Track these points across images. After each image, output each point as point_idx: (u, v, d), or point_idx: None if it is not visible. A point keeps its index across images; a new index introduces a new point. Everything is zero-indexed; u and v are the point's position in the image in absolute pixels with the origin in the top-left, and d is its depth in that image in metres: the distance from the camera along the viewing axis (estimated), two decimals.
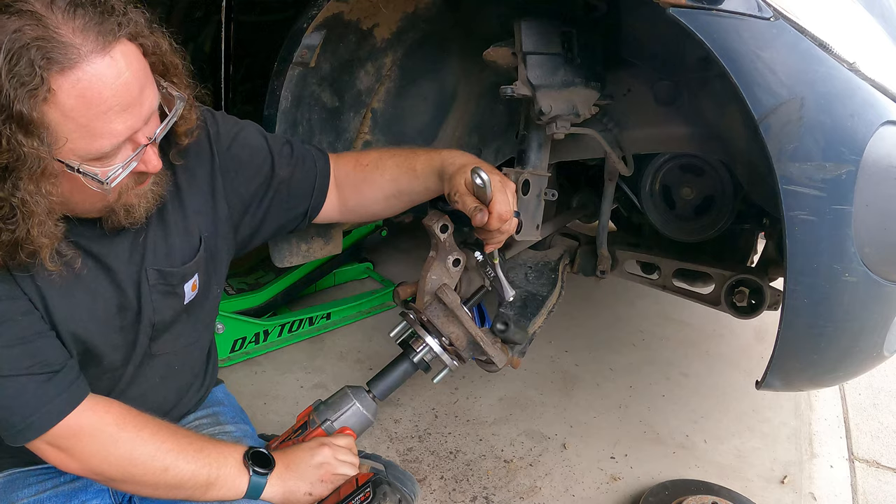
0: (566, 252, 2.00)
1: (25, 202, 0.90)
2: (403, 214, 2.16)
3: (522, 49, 1.40)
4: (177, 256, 1.20)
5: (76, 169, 0.92)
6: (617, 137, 1.69)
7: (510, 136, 2.02)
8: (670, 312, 2.96)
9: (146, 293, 1.17)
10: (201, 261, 1.25)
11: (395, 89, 1.84)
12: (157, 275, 1.17)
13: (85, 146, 0.91)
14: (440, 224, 1.37)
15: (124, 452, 1.08)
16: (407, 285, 1.50)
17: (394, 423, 2.18)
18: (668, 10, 1.10)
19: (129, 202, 1.04)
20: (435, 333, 1.37)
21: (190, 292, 1.24)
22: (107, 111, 0.90)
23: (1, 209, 0.90)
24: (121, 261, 1.13)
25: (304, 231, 1.76)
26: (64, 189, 0.95)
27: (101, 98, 0.89)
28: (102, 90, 0.89)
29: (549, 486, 1.95)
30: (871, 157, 1.11)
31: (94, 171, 0.93)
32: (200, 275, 1.25)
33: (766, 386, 1.37)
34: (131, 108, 0.93)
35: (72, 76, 0.86)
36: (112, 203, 1.02)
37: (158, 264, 1.17)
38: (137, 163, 0.98)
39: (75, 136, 0.89)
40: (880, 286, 1.21)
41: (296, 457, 1.25)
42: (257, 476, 1.17)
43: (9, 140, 0.85)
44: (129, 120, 0.93)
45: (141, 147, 0.97)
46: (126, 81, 0.91)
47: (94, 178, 0.93)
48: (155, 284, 1.17)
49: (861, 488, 2.04)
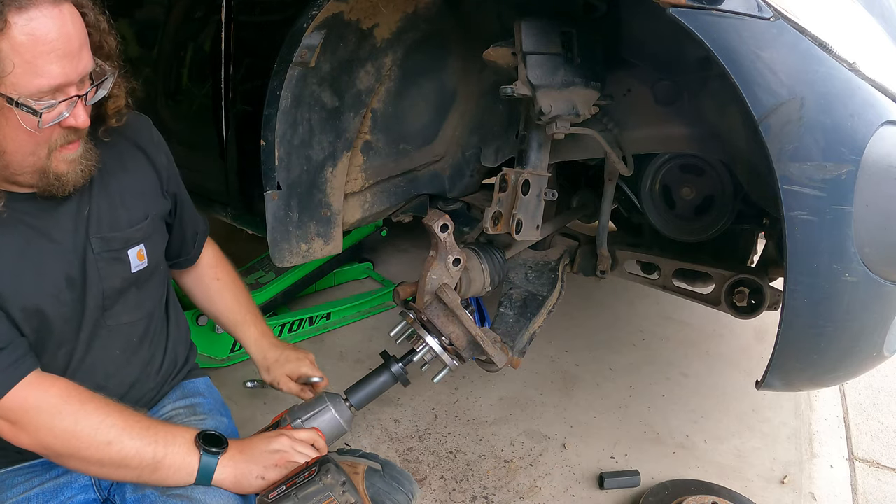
0: (566, 252, 2.00)
1: None
2: (403, 214, 2.17)
3: (522, 49, 1.40)
4: (120, 224, 1.27)
5: (15, 101, 0.99)
6: (617, 137, 1.69)
7: (510, 136, 2.02)
8: (670, 312, 2.96)
9: (91, 261, 1.22)
10: (148, 231, 1.32)
11: (395, 89, 1.84)
12: (101, 242, 1.24)
13: (25, 82, 0.99)
14: (440, 223, 1.37)
15: (68, 425, 1.10)
16: (407, 285, 1.51)
17: (394, 423, 2.18)
18: (668, 10, 1.10)
19: (58, 169, 1.11)
20: (435, 333, 1.37)
21: (136, 261, 1.30)
22: (49, 52, 1.00)
23: None
24: (65, 232, 1.19)
25: (305, 231, 1.77)
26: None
27: (46, 39, 0.99)
28: (49, 33, 0.99)
29: (549, 486, 1.95)
30: (871, 157, 1.11)
31: (30, 103, 1.01)
32: (147, 246, 1.32)
33: (766, 386, 1.37)
34: (69, 57, 1.03)
35: (26, 15, 0.97)
36: (42, 162, 1.08)
37: (102, 232, 1.24)
38: (69, 114, 1.05)
39: (18, 70, 0.98)
40: (880, 286, 1.21)
41: (251, 442, 1.26)
42: (208, 455, 1.17)
43: None
44: (67, 67, 1.02)
45: (74, 97, 1.05)
46: (69, 32, 1.02)
47: (29, 110, 1.00)
48: (100, 252, 1.23)
49: (861, 488, 2.04)
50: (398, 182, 2.05)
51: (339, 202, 1.82)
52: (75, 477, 1.29)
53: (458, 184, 2.15)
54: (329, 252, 1.83)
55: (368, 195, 1.99)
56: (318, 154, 1.73)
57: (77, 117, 1.07)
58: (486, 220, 1.48)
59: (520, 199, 1.48)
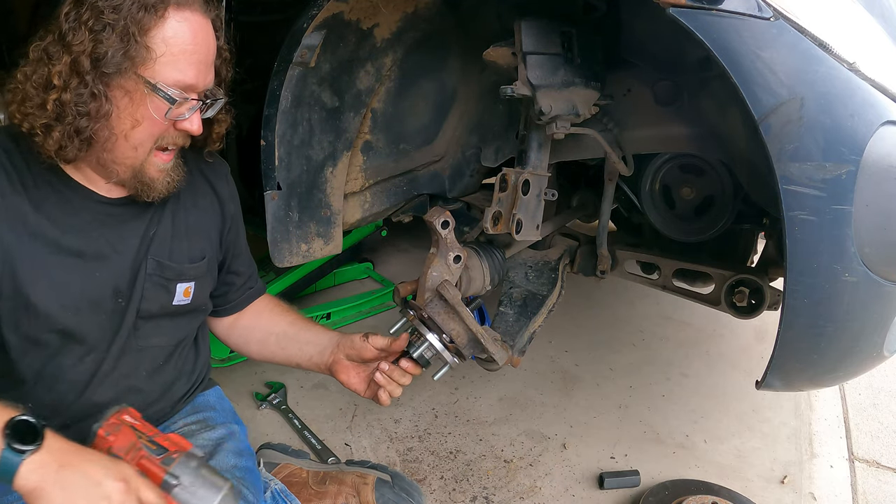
0: (566, 252, 2.00)
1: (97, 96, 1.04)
2: (403, 214, 2.17)
3: (522, 49, 1.40)
4: (178, 256, 1.29)
5: (154, 85, 1.06)
6: (617, 137, 1.69)
7: (510, 136, 2.02)
8: (670, 312, 2.97)
9: (140, 279, 1.23)
10: (201, 272, 1.33)
11: (395, 89, 1.84)
12: (156, 265, 1.25)
13: (166, 72, 1.06)
14: (441, 220, 1.37)
15: None
16: (407, 283, 1.50)
17: (394, 423, 2.18)
18: (668, 10, 1.10)
19: (150, 174, 1.15)
20: (436, 330, 1.37)
21: (182, 296, 1.30)
22: (192, 53, 1.08)
23: (80, 95, 1.04)
24: (128, 246, 1.22)
25: (305, 231, 1.76)
26: (125, 108, 1.07)
27: (194, 41, 1.08)
28: (196, 36, 1.08)
29: (549, 486, 1.95)
30: (871, 157, 1.11)
31: (168, 91, 1.07)
32: (196, 286, 1.32)
33: (766, 386, 1.37)
34: (203, 65, 1.11)
35: (182, 13, 1.06)
36: (142, 160, 1.13)
37: (160, 257, 1.25)
38: (190, 115, 1.12)
39: (163, 60, 1.05)
40: (880, 286, 1.21)
41: (82, 458, 0.91)
42: (11, 452, 0.85)
43: (116, 38, 1.02)
44: (199, 73, 1.10)
45: (197, 103, 1.12)
46: (209, 43, 1.11)
47: (166, 96, 1.07)
48: (152, 274, 1.24)
49: (861, 488, 2.04)
50: (398, 182, 2.05)
51: (339, 202, 1.82)
52: None
53: (458, 184, 2.16)
54: (329, 252, 1.83)
55: (368, 195, 1.99)
56: (318, 154, 1.73)
57: (193, 122, 1.13)
58: (486, 220, 1.48)
59: (520, 199, 1.48)
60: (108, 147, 1.10)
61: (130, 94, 1.07)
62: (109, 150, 1.10)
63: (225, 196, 1.40)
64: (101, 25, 1.03)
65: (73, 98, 1.04)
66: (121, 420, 1.02)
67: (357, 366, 1.40)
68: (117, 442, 0.98)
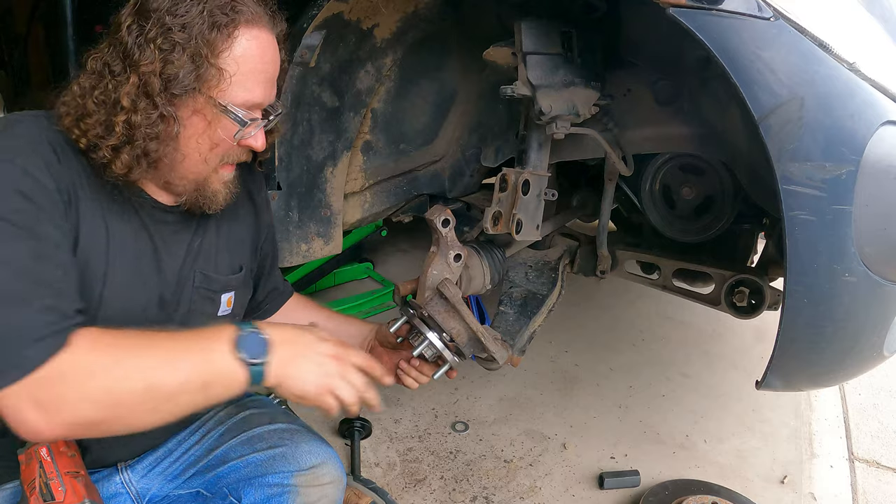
0: (566, 252, 2.00)
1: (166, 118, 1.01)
2: (403, 214, 2.17)
3: (522, 49, 1.40)
4: (222, 268, 1.27)
5: (225, 107, 1.03)
6: (617, 137, 1.69)
7: (510, 136, 2.02)
8: (670, 312, 2.97)
9: (188, 292, 1.20)
10: (242, 282, 1.32)
11: (395, 89, 1.84)
12: (203, 278, 1.22)
13: (235, 93, 1.03)
14: (442, 218, 1.37)
15: (104, 384, 0.93)
16: (407, 282, 1.50)
17: (394, 423, 2.18)
18: (668, 10, 1.10)
19: (214, 186, 1.13)
20: (436, 328, 1.36)
21: (225, 306, 1.28)
22: (260, 72, 1.06)
23: (150, 118, 1.00)
24: (176, 256, 1.18)
25: (305, 231, 1.76)
26: (193, 129, 1.04)
27: (262, 59, 1.05)
28: (265, 54, 1.06)
29: (549, 486, 1.95)
30: (871, 157, 1.11)
31: (238, 113, 1.05)
32: (236, 296, 1.31)
33: (766, 386, 1.37)
34: (270, 83, 1.09)
35: (252, 31, 1.03)
36: (206, 174, 1.10)
37: (206, 269, 1.23)
38: (255, 132, 1.10)
39: (233, 81, 1.02)
40: (880, 286, 1.21)
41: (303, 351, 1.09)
42: (254, 367, 1.02)
43: (187, 59, 0.98)
44: (266, 91, 1.08)
45: (265, 121, 1.11)
46: (276, 60, 1.09)
47: (237, 119, 1.05)
48: (199, 287, 1.21)
49: (861, 488, 2.04)
50: (398, 182, 2.05)
51: (339, 202, 1.82)
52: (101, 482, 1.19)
53: (458, 184, 2.16)
54: (329, 252, 1.83)
55: (368, 195, 1.99)
56: (318, 154, 1.73)
57: (258, 139, 1.11)
58: (486, 220, 1.48)
59: (520, 199, 1.48)
60: (174, 166, 1.07)
61: (199, 115, 1.04)
62: (175, 168, 1.08)
63: (261, 205, 1.39)
64: (171, 45, 0.99)
65: (143, 120, 1.00)
66: (34, 453, 1.04)
67: (389, 352, 1.43)
68: (24, 473, 1.04)
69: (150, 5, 1.00)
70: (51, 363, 0.90)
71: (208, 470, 1.25)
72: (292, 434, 1.26)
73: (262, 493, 1.17)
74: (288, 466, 1.19)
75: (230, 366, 1.01)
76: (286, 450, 1.22)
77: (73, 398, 0.92)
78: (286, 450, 1.22)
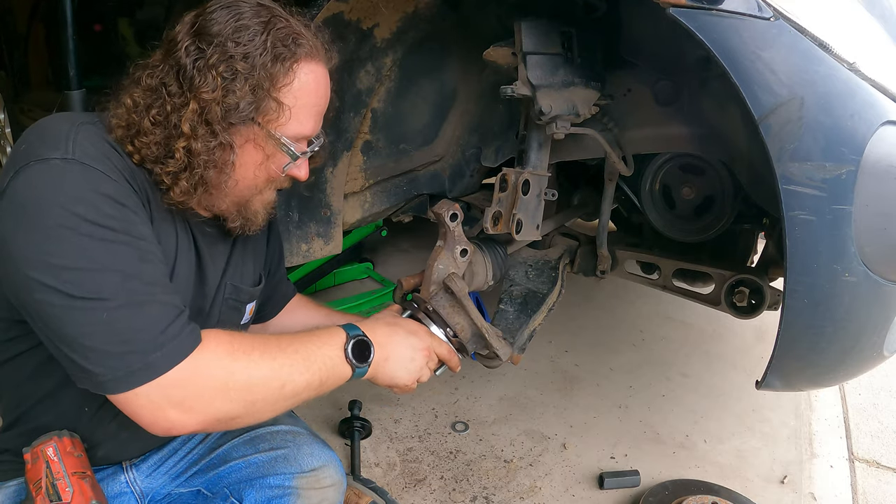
0: (566, 251, 2.00)
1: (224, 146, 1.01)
2: (403, 214, 2.17)
3: (522, 49, 1.40)
4: (247, 279, 1.29)
5: (280, 139, 1.04)
6: (617, 137, 1.69)
7: (510, 136, 2.02)
8: (670, 312, 2.97)
9: (219, 302, 1.22)
10: (259, 292, 1.34)
11: (395, 89, 1.84)
12: (233, 289, 1.24)
13: (289, 126, 1.05)
14: (450, 213, 1.36)
15: (242, 382, 0.98)
16: (410, 276, 1.50)
17: (394, 423, 2.18)
18: (668, 10, 1.10)
19: (256, 208, 1.14)
20: (440, 323, 1.36)
21: (248, 315, 1.31)
22: (314, 105, 1.07)
23: (209, 145, 1.00)
24: (214, 268, 1.20)
25: (305, 231, 1.77)
26: (247, 158, 1.05)
27: (317, 93, 1.07)
28: (319, 88, 1.07)
29: (549, 486, 1.95)
30: (871, 157, 1.11)
31: (292, 147, 1.06)
32: (256, 304, 1.34)
33: (766, 386, 1.37)
34: (320, 116, 1.10)
35: (311, 64, 1.05)
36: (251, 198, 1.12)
37: (235, 280, 1.25)
38: (301, 163, 1.11)
39: (290, 112, 1.03)
40: (880, 286, 1.21)
41: (397, 349, 1.22)
42: (360, 367, 1.15)
43: (248, 90, 0.99)
44: (316, 123, 1.10)
45: (309, 150, 1.12)
46: (328, 94, 1.10)
47: (289, 152, 1.06)
48: (228, 298, 1.23)
49: (861, 488, 2.04)
50: (398, 182, 2.05)
51: (339, 202, 1.82)
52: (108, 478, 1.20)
53: (458, 184, 2.16)
54: (329, 252, 1.83)
55: (368, 195, 1.99)
56: None
57: (302, 170, 1.13)
58: (486, 220, 1.48)
59: (520, 199, 1.48)
60: (224, 192, 1.07)
61: (252, 143, 1.04)
62: (225, 194, 1.08)
63: (274, 226, 1.42)
64: (233, 74, 0.98)
65: (202, 147, 1.00)
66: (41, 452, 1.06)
67: None
68: (30, 472, 1.05)
69: (212, 28, 0.99)
70: (188, 362, 0.93)
71: (210, 469, 1.25)
72: (294, 436, 1.26)
73: (262, 495, 1.17)
74: (289, 468, 1.20)
75: (341, 367, 1.12)
76: (288, 451, 1.22)
77: (213, 396, 0.96)
78: (288, 451, 1.22)
